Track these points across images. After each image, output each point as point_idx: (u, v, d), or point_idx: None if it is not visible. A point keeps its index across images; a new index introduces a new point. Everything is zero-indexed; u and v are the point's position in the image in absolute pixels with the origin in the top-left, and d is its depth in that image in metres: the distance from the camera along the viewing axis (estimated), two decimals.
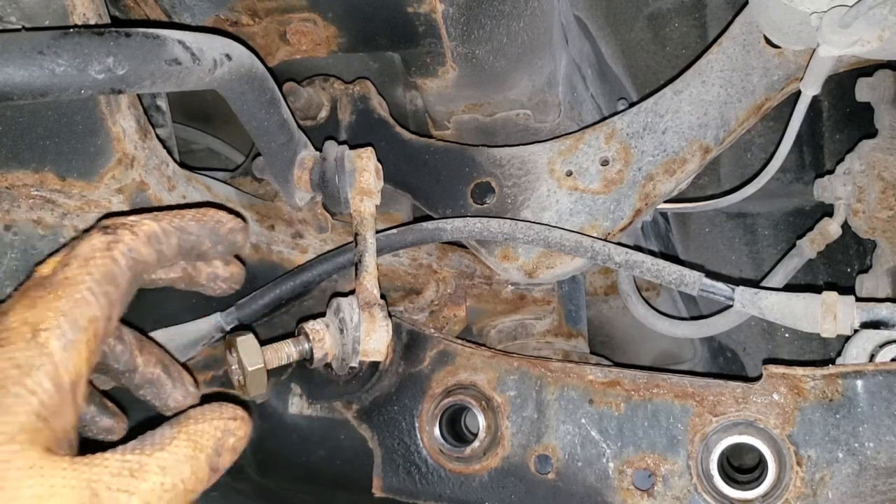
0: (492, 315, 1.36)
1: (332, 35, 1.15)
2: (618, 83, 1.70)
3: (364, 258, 0.95)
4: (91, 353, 0.52)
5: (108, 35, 0.67)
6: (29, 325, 0.50)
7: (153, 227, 0.61)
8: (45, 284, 0.53)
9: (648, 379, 0.93)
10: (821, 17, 0.97)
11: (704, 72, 1.15)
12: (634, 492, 0.91)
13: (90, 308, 0.53)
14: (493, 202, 1.17)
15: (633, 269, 0.99)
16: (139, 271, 0.59)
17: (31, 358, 0.48)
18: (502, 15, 1.11)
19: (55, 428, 0.47)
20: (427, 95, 1.24)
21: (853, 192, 1.40)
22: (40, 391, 0.47)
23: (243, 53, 0.83)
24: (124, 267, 0.57)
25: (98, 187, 0.82)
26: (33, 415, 0.46)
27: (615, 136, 1.16)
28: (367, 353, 0.90)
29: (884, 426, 0.84)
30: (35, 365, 0.48)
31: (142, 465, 0.47)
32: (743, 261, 1.93)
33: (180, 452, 0.50)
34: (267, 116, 0.92)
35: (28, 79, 0.62)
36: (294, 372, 1.07)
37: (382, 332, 0.90)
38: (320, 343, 0.88)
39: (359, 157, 1.00)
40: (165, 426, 0.52)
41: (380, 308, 0.91)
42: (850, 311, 0.91)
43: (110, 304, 0.54)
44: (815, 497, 0.85)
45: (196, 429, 0.52)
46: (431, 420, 0.99)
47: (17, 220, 0.78)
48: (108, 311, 0.54)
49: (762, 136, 1.79)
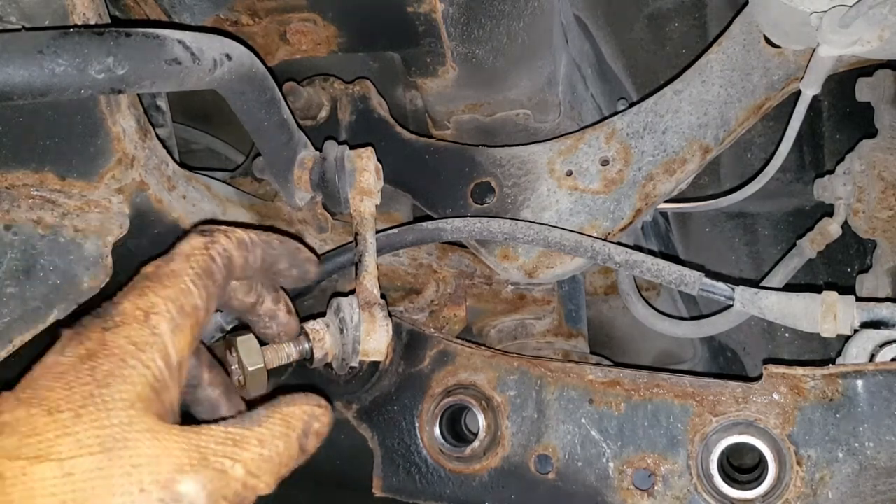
0: (492, 315, 1.36)
1: (332, 35, 1.15)
2: (618, 83, 1.70)
3: (364, 258, 0.95)
4: (193, 338, 0.58)
5: (108, 35, 0.67)
6: (142, 310, 0.55)
7: (244, 235, 0.67)
8: (152, 277, 0.59)
9: (648, 379, 0.93)
10: (821, 17, 0.97)
11: (704, 71, 1.15)
12: (634, 492, 0.91)
13: (193, 297, 0.58)
14: (493, 202, 1.17)
15: (634, 268, 0.99)
16: (231, 272, 0.65)
17: (145, 337, 0.54)
18: (502, 15, 1.11)
19: (164, 400, 0.53)
20: (427, 95, 1.24)
21: (853, 192, 1.40)
22: (154, 366, 0.53)
23: (243, 53, 0.83)
24: (220, 265, 0.63)
25: (98, 187, 0.82)
26: (148, 386, 0.51)
27: (615, 136, 1.16)
28: (367, 352, 0.90)
29: (884, 426, 0.84)
30: (149, 343, 0.54)
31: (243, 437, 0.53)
32: (743, 261, 1.93)
33: (276, 429, 0.55)
34: (267, 116, 0.92)
35: (28, 79, 0.62)
36: (294, 372, 1.07)
37: (382, 332, 0.90)
38: (320, 343, 0.88)
39: (359, 156, 1.00)
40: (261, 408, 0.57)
41: (380, 308, 0.91)
42: (850, 310, 0.91)
43: (209, 297, 0.60)
44: (815, 497, 0.85)
45: (288, 411, 0.57)
46: (431, 420, 0.99)
47: (17, 220, 0.78)
48: (206, 303, 0.60)
49: (762, 135, 1.79)
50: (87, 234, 0.80)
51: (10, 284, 0.76)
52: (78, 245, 0.80)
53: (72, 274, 0.78)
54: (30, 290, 0.77)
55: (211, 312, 0.61)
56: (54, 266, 0.78)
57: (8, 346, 0.76)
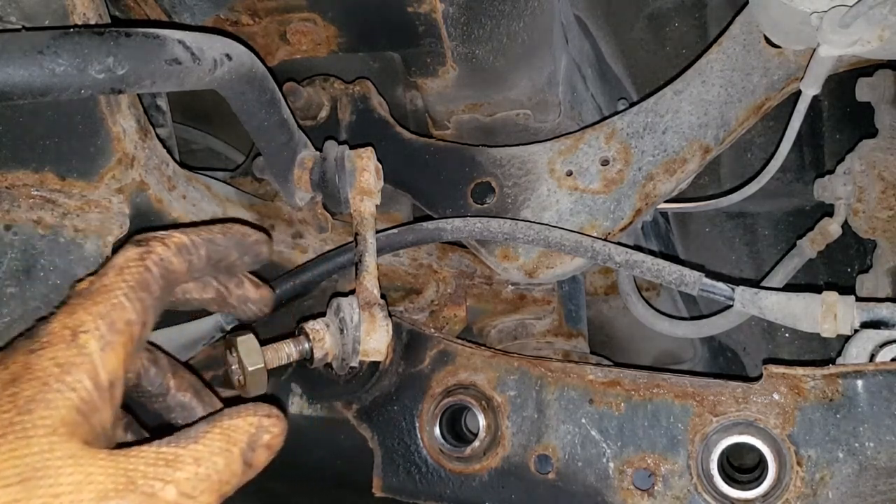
0: (492, 315, 1.36)
1: (333, 35, 1.15)
2: (618, 83, 1.70)
3: (364, 258, 0.95)
4: (128, 355, 0.55)
5: (108, 35, 0.67)
6: (69, 329, 0.53)
7: (183, 239, 0.64)
8: (83, 294, 0.56)
9: (649, 379, 0.93)
10: (821, 17, 0.97)
11: (705, 71, 1.15)
12: (634, 492, 0.91)
13: (126, 312, 0.56)
14: (493, 202, 1.17)
15: (634, 268, 0.99)
16: (171, 280, 0.62)
17: (72, 357, 0.51)
18: (502, 15, 1.11)
19: (93, 423, 0.50)
20: (427, 95, 1.24)
21: (853, 192, 1.40)
22: (80, 388, 0.50)
23: (243, 53, 0.83)
24: (157, 275, 0.60)
25: (98, 187, 0.82)
26: (73, 409, 0.49)
27: (615, 136, 1.16)
28: (367, 352, 0.90)
29: (884, 426, 0.84)
30: (75, 363, 0.51)
31: (176, 456, 0.50)
32: (743, 261, 1.93)
33: (214, 445, 0.52)
34: (267, 116, 0.92)
35: (28, 79, 0.62)
36: (294, 372, 1.07)
37: (383, 332, 0.90)
38: (320, 343, 0.88)
39: (359, 156, 1.00)
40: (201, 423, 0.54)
41: (380, 308, 0.91)
42: (850, 310, 0.91)
43: (145, 310, 0.58)
44: (816, 497, 0.85)
45: (230, 424, 0.54)
46: (431, 420, 0.99)
47: (17, 220, 0.78)
48: (143, 317, 0.57)
49: (762, 135, 1.79)
50: (87, 234, 0.80)
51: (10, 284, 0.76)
52: (78, 245, 0.80)
53: (72, 274, 0.78)
54: (30, 290, 0.77)
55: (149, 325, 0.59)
56: (54, 266, 0.78)
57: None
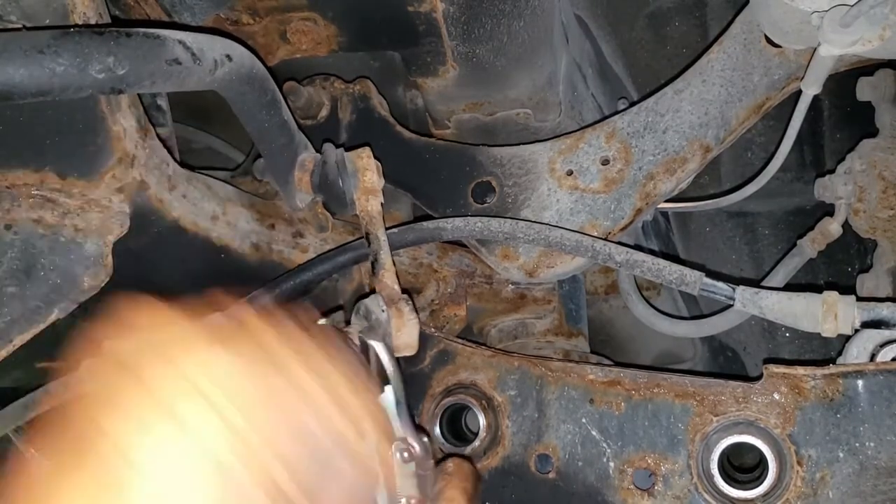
0: (492, 314, 1.36)
1: (333, 34, 1.15)
2: (618, 82, 1.70)
3: (380, 256, 0.95)
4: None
5: (108, 35, 0.67)
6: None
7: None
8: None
9: (649, 378, 0.93)
10: (822, 17, 0.97)
11: (705, 71, 1.15)
12: (635, 491, 0.91)
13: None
14: (493, 201, 1.17)
15: (634, 268, 0.99)
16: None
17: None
18: (503, 14, 1.11)
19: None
20: (427, 94, 1.24)
21: (854, 192, 1.40)
22: None
23: (244, 54, 0.83)
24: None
25: (98, 186, 0.82)
26: None
27: (616, 136, 1.16)
28: (399, 348, 0.89)
29: (885, 426, 0.84)
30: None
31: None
32: (743, 260, 1.93)
33: None
34: (267, 117, 0.92)
35: (28, 78, 0.62)
36: None
37: (412, 325, 0.90)
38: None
39: (358, 157, 1.00)
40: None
41: (405, 302, 0.91)
42: (850, 310, 0.91)
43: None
44: (816, 496, 0.85)
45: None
46: (432, 419, 0.99)
47: (18, 220, 0.78)
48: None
49: (763, 135, 1.79)
50: (87, 234, 0.80)
51: (10, 284, 0.76)
52: (78, 244, 0.80)
53: (72, 273, 0.79)
54: (30, 289, 0.77)
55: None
56: (55, 265, 0.78)
57: (8, 345, 0.76)
